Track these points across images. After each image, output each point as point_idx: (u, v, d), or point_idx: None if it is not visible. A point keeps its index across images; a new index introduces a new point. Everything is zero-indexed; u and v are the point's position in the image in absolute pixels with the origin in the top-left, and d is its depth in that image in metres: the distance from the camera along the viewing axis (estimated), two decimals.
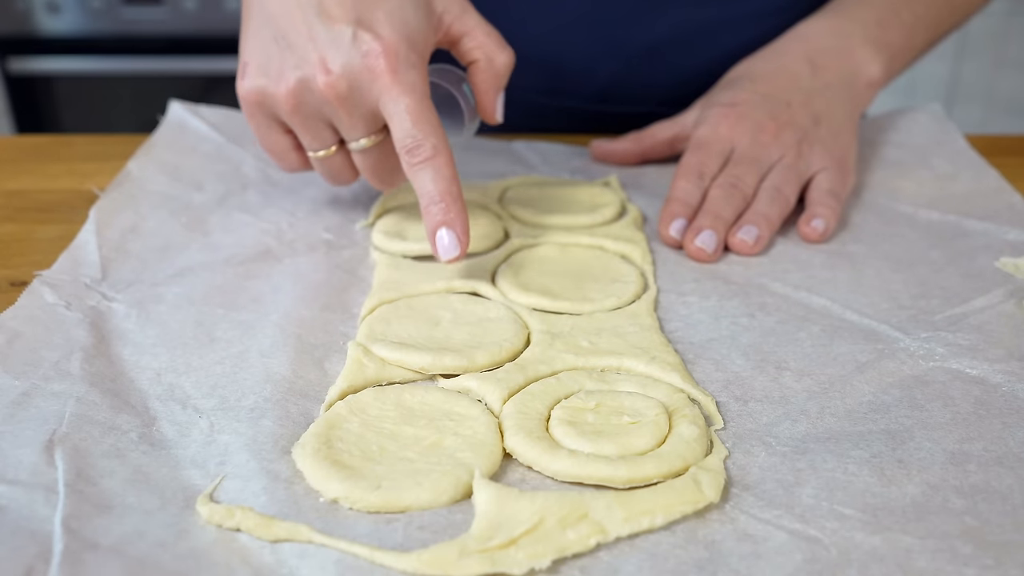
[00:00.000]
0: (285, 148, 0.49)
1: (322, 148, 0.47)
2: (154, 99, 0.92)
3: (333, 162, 0.48)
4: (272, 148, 0.49)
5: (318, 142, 0.47)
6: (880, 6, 0.61)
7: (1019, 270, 0.47)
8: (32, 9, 1.87)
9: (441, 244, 0.43)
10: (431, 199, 0.43)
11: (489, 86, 0.49)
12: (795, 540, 0.30)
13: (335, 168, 0.49)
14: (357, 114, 0.45)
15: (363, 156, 0.47)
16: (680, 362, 0.40)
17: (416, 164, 0.43)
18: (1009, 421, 0.36)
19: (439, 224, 0.43)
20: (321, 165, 0.49)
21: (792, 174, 0.54)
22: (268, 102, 0.46)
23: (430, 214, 0.43)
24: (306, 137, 0.47)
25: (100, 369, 0.38)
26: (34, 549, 0.29)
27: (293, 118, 0.46)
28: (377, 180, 0.49)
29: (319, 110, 0.45)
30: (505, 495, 0.31)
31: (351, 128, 0.45)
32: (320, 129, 0.46)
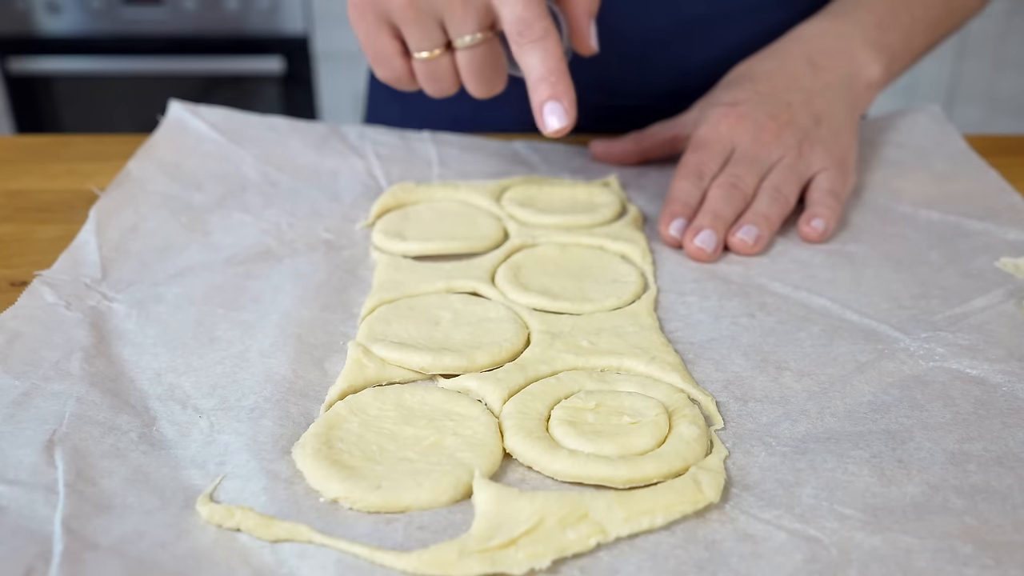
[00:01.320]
0: (392, 52, 0.49)
1: (430, 47, 0.48)
2: (154, 99, 0.92)
3: (438, 64, 0.49)
4: (378, 52, 0.49)
5: (427, 40, 0.48)
6: (879, 8, 0.62)
7: (1019, 270, 0.47)
8: (32, 9, 1.87)
9: (550, 115, 0.45)
10: (540, 76, 0.46)
11: (583, 11, 0.51)
12: (795, 540, 0.30)
13: (439, 71, 0.49)
14: (471, 6, 0.46)
15: (469, 55, 0.48)
16: (680, 362, 0.40)
17: (527, 44, 0.45)
18: (1009, 421, 0.36)
19: (548, 97, 0.45)
20: (425, 68, 0.49)
21: (792, 174, 0.54)
22: (382, 1, 0.47)
23: (539, 90, 0.46)
24: (415, 35, 0.47)
25: (100, 369, 0.38)
26: (34, 549, 0.29)
27: (406, 13, 0.46)
28: (479, 82, 0.50)
29: (432, 4, 0.46)
30: (505, 495, 0.31)
31: (462, 20, 0.46)
32: (430, 26, 0.47)
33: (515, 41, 0.46)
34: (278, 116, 0.68)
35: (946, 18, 0.65)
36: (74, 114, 2.01)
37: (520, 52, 0.46)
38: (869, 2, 0.62)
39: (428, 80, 0.50)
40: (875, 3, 0.62)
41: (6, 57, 1.90)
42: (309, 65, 1.93)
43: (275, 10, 1.88)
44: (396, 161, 0.63)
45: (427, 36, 0.48)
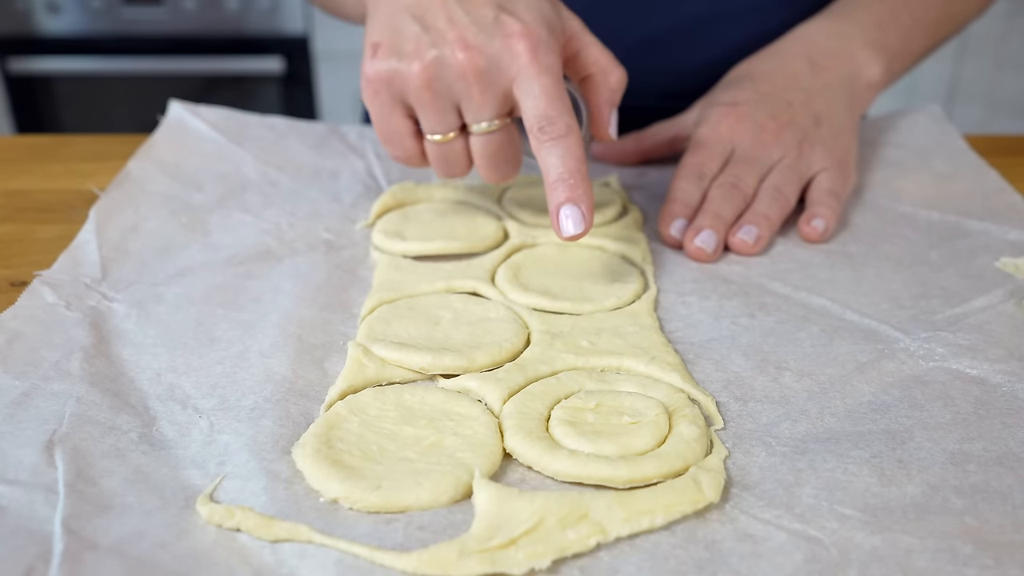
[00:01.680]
0: (404, 133, 0.47)
1: (444, 131, 0.46)
2: (154, 99, 0.92)
3: (452, 148, 0.47)
4: (391, 133, 0.48)
5: (442, 124, 0.46)
6: (879, 9, 0.62)
7: (1019, 270, 0.47)
8: (32, 9, 1.87)
9: (566, 220, 0.43)
10: (559, 176, 0.44)
11: (603, 100, 0.49)
12: (795, 540, 0.30)
13: (452, 155, 0.48)
14: (490, 93, 0.44)
15: (484, 141, 0.46)
16: (680, 362, 0.40)
17: (547, 141, 0.43)
18: (1009, 421, 0.36)
19: (566, 200, 0.43)
20: (438, 151, 0.47)
21: (793, 174, 0.54)
22: (398, 81, 0.45)
23: (556, 191, 0.44)
24: (431, 118, 0.46)
25: (100, 369, 0.38)
26: (34, 549, 0.29)
27: (423, 95, 0.45)
28: (492, 169, 0.48)
29: (450, 88, 0.44)
30: (505, 495, 0.31)
31: (480, 107, 0.45)
32: (446, 110, 0.45)
33: (535, 137, 0.44)
34: (278, 116, 0.68)
35: (945, 21, 0.65)
36: (74, 114, 2.01)
37: (540, 149, 0.44)
38: (869, 3, 0.62)
39: (439, 162, 0.48)
40: (875, 4, 0.62)
41: (6, 57, 1.90)
42: (309, 65, 1.92)
43: (275, 10, 1.88)
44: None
45: (442, 120, 0.46)
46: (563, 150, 0.43)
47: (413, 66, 0.44)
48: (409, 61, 0.44)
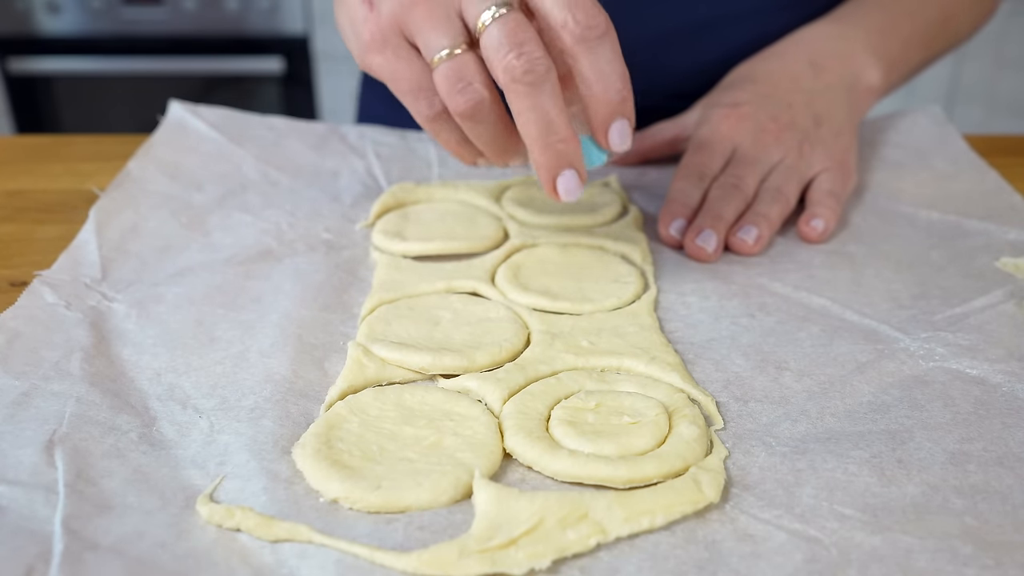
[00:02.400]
0: (421, 69, 0.42)
1: (451, 43, 0.40)
2: (154, 99, 0.92)
3: (465, 64, 0.40)
4: (413, 82, 0.42)
5: (448, 34, 0.40)
6: (880, 18, 0.63)
7: (1019, 270, 0.47)
8: (32, 9, 1.87)
9: (617, 134, 0.41)
10: (613, 86, 0.39)
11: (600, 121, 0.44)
12: (795, 540, 0.30)
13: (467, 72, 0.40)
14: None
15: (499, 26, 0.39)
16: (680, 362, 0.40)
17: (594, 39, 0.39)
18: (1009, 421, 0.36)
19: (619, 114, 0.40)
20: (451, 72, 0.40)
21: (793, 175, 0.54)
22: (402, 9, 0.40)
23: (609, 103, 0.40)
24: (433, 31, 0.40)
25: (100, 369, 0.38)
26: (34, 549, 0.29)
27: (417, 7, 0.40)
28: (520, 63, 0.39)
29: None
30: (505, 495, 0.31)
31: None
32: (449, 16, 0.40)
33: (571, 34, 0.38)
34: (278, 116, 0.68)
35: (942, 36, 0.66)
36: (74, 114, 2.01)
37: (582, 50, 0.39)
38: (870, 11, 0.63)
39: (454, 88, 0.40)
40: (876, 12, 0.63)
41: (6, 57, 1.90)
42: (309, 65, 1.93)
43: (275, 10, 1.88)
44: (396, 161, 0.63)
45: (448, 28, 0.40)
46: (611, 51, 0.39)
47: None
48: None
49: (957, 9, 0.67)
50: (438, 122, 0.43)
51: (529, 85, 0.39)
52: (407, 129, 0.68)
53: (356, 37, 0.42)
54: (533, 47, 0.39)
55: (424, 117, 0.43)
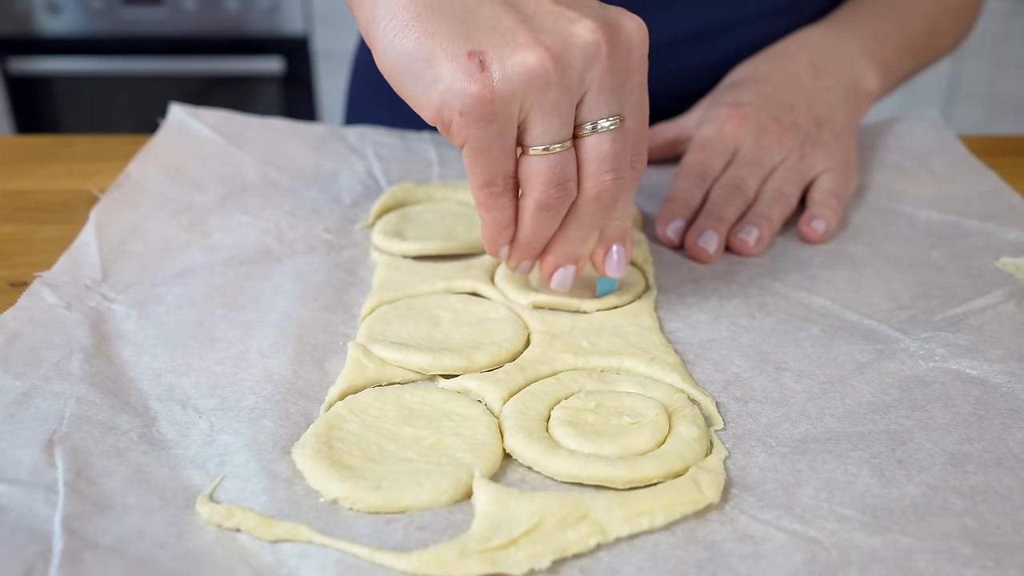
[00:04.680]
0: (511, 172, 0.39)
1: (564, 137, 0.38)
2: (154, 99, 0.92)
3: (566, 163, 0.38)
4: (498, 163, 0.38)
5: (564, 127, 0.37)
6: (876, 26, 0.64)
7: (1019, 270, 0.47)
8: (32, 9, 1.87)
9: (612, 260, 0.43)
10: (628, 213, 0.42)
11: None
12: (795, 541, 0.30)
13: (566, 171, 0.38)
14: (619, 78, 0.37)
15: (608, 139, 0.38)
16: (680, 362, 0.40)
17: (636, 178, 0.40)
18: (1009, 422, 0.36)
19: (621, 239, 0.42)
20: (552, 170, 0.38)
21: (795, 176, 0.54)
22: (532, 84, 0.36)
23: (615, 231, 0.42)
24: (553, 121, 0.37)
25: (100, 369, 0.38)
26: (34, 549, 0.29)
27: (548, 92, 0.36)
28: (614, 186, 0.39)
29: (581, 76, 0.36)
30: (505, 495, 0.31)
31: (611, 96, 0.37)
32: (569, 108, 0.37)
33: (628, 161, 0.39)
34: (278, 118, 0.68)
35: (929, 47, 0.68)
36: (74, 114, 2.01)
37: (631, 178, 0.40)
38: (867, 19, 0.64)
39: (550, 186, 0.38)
40: (872, 21, 0.64)
41: (6, 57, 1.90)
42: (309, 65, 1.93)
43: (275, 10, 1.88)
44: (396, 161, 0.63)
45: (564, 121, 0.37)
46: (636, 191, 0.41)
47: (543, 58, 0.35)
48: (533, 51, 0.35)
49: (941, 23, 0.69)
50: (500, 200, 0.39)
51: (606, 206, 0.40)
52: (403, 128, 0.68)
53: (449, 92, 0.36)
54: (625, 173, 0.39)
55: (488, 193, 0.39)
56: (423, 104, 0.37)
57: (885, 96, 0.66)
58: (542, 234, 0.40)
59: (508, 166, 0.38)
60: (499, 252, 0.42)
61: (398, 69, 0.37)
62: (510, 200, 0.39)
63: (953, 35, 0.71)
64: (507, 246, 0.41)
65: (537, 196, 0.38)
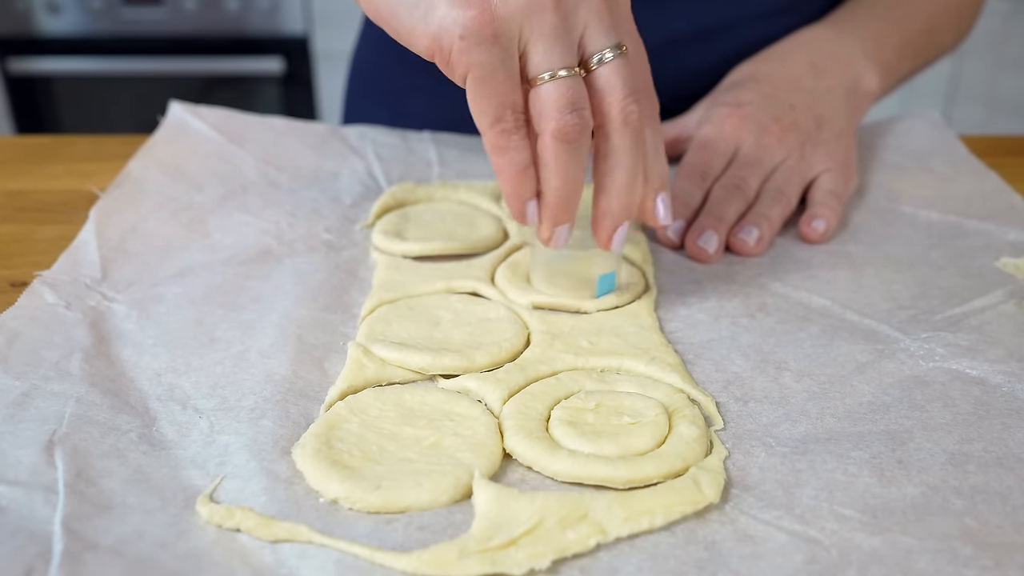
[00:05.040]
0: (517, 91, 0.37)
1: (570, 63, 0.37)
2: (154, 99, 0.92)
3: (578, 90, 0.37)
4: (506, 93, 0.37)
5: (569, 54, 0.37)
6: (876, 26, 0.64)
7: (1019, 270, 0.47)
8: (32, 9, 1.87)
9: (662, 206, 0.42)
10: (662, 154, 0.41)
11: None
12: (795, 541, 0.30)
13: (579, 99, 0.37)
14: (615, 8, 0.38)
15: (618, 67, 0.38)
16: (680, 362, 0.40)
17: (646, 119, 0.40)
18: (1009, 422, 0.36)
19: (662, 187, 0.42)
20: (563, 96, 0.37)
21: (795, 176, 0.54)
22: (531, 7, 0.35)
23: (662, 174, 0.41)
24: (556, 48, 0.36)
25: (100, 369, 0.38)
26: (34, 549, 0.29)
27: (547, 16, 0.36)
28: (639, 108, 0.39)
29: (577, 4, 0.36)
30: (505, 495, 0.31)
31: (616, 21, 0.38)
32: (572, 35, 0.37)
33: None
34: (278, 117, 0.68)
35: (928, 47, 0.68)
36: (74, 114, 2.01)
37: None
38: (866, 19, 0.64)
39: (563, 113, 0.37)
40: (872, 21, 0.64)
41: (6, 57, 1.90)
42: (309, 65, 1.93)
43: (275, 10, 1.88)
44: (396, 161, 0.63)
45: (568, 48, 0.37)
46: (659, 133, 0.41)
47: None
48: None
49: (940, 23, 0.69)
50: (513, 137, 0.38)
51: (638, 134, 0.39)
52: (402, 128, 0.68)
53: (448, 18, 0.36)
54: (645, 98, 0.40)
55: (500, 131, 0.38)
56: (420, 33, 0.36)
57: (885, 96, 0.65)
58: (570, 177, 0.38)
59: (515, 96, 0.37)
60: (526, 211, 0.39)
61: (391, 2, 0.37)
62: (523, 138, 0.38)
63: (953, 34, 0.71)
64: (533, 204, 0.39)
65: (553, 126, 0.37)
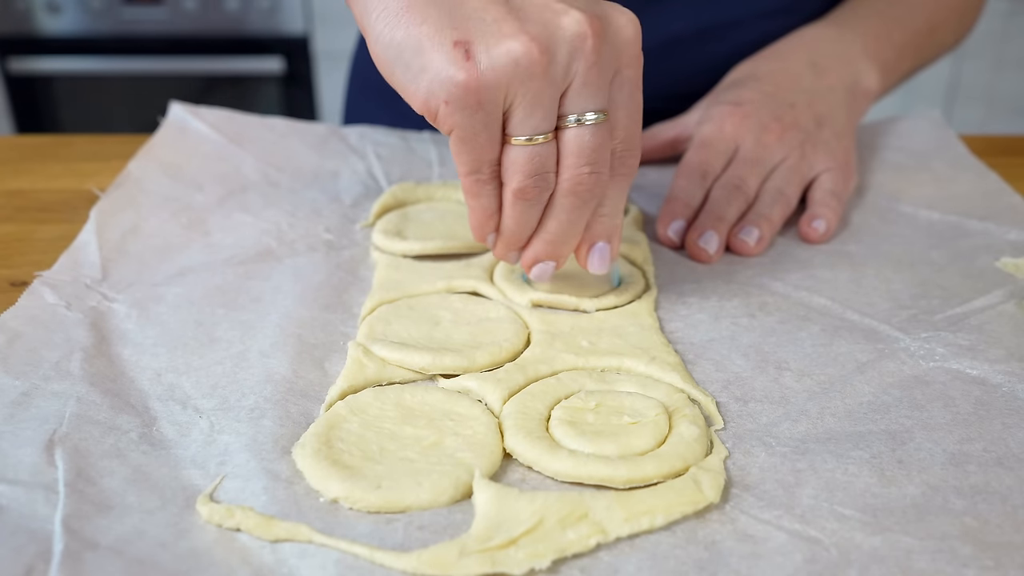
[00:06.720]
0: (496, 148, 0.38)
1: (547, 128, 0.38)
2: (154, 99, 0.92)
3: (547, 155, 0.38)
4: (483, 152, 0.38)
5: (547, 118, 0.37)
6: (876, 25, 0.64)
7: (1020, 270, 0.47)
8: (32, 9, 1.87)
9: (596, 256, 0.42)
10: (616, 211, 0.41)
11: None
12: (795, 541, 0.30)
13: (546, 163, 0.38)
14: (605, 73, 0.37)
15: (590, 133, 0.38)
16: (680, 362, 0.40)
17: (625, 175, 0.40)
18: (1009, 421, 0.36)
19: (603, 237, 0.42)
20: (532, 161, 0.38)
21: (795, 175, 0.54)
22: (518, 74, 0.36)
23: (599, 229, 0.42)
24: (537, 112, 0.37)
25: (100, 369, 0.38)
26: (34, 549, 0.29)
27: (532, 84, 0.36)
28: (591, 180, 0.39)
29: (566, 68, 0.36)
30: (505, 495, 0.31)
31: (597, 88, 0.37)
32: (553, 99, 0.37)
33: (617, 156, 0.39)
34: (278, 117, 0.68)
35: (929, 46, 0.68)
36: (74, 114, 2.01)
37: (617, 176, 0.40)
38: (867, 17, 0.64)
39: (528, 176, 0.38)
40: (872, 19, 0.64)
41: (6, 57, 1.90)
42: (309, 65, 1.93)
43: (275, 10, 1.88)
44: (396, 161, 0.63)
45: (548, 111, 0.37)
46: (627, 188, 0.41)
47: (529, 48, 0.35)
48: (518, 40, 0.35)
49: (942, 21, 0.69)
50: (486, 187, 0.40)
51: (583, 200, 0.39)
52: (402, 128, 0.68)
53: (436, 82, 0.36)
54: (604, 169, 0.39)
55: (474, 180, 0.39)
56: (411, 93, 0.37)
57: (886, 95, 0.65)
58: (523, 224, 0.40)
59: (493, 155, 0.38)
60: (486, 240, 0.42)
61: (389, 59, 0.37)
62: (495, 188, 0.40)
63: (954, 33, 0.71)
64: (494, 234, 0.42)
65: (515, 186, 0.39)
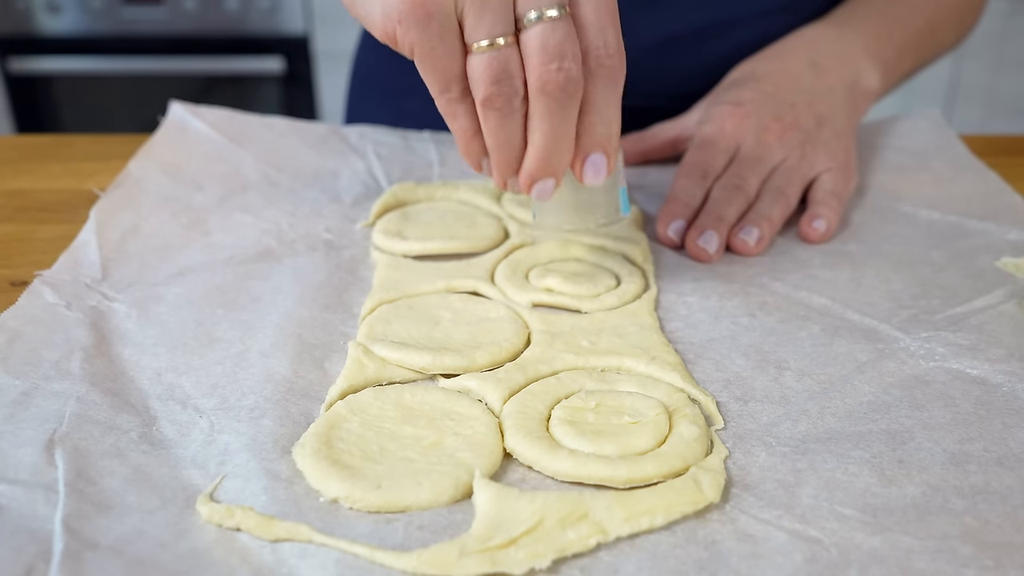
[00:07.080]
0: (461, 68, 0.38)
1: (504, 31, 0.37)
2: (154, 99, 0.92)
3: (509, 58, 0.37)
4: (448, 68, 0.38)
5: (503, 20, 0.36)
6: (876, 24, 0.64)
7: (1020, 270, 0.47)
8: (32, 9, 1.87)
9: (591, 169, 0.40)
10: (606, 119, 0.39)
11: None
12: (795, 540, 0.30)
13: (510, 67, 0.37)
14: None
15: (548, 30, 0.36)
16: (680, 362, 0.40)
17: (607, 77, 0.38)
18: (1009, 421, 0.36)
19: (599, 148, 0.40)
20: (493, 67, 0.37)
21: (795, 175, 0.54)
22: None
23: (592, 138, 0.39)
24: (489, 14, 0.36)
25: (100, 369, 0.38)
26: (34, 549, 0.29)
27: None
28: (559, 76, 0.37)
29: None
30: (505, 495, 0.31)
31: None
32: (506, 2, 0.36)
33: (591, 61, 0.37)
34: (278, 117, 0.68)
35: (929, 44, 0.68)
36: (74, 114, 2.01)
37: (593, 79, 0.38)
38: (867, 16, 0.64)
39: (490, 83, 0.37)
40: (873, 18, 0.64)
41: (6, 57, 1.90)
42: (309, 65, 1.93)
43: (275, 10, 1.88)
44: (396, 161, 0.63)
45: (504, 13, 0.36)
46: (619, 88, 0.38)
47: None
48: None
49: (943, 20, 0.68)
50: (461, 104, 0.39)
51: (557, 101, 0.38)
52: (402, 128, 0.68)
53: (388, 4, 0.37)
54: (573, 64, 0.37)
55: (447, 100, 0.39)
56: (372, 23, 0.38)
57: (886, 94, 0.65)
58: (504, 140, 0.39)
59: (457, 68, 0.38)
60: (480, 167, 0.41)
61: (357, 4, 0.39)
62: (469, 107, 0.39)
63: (955, 32, 0.70)
64: (486, 160, 0.40)
65: (481, 96, 0.38)
